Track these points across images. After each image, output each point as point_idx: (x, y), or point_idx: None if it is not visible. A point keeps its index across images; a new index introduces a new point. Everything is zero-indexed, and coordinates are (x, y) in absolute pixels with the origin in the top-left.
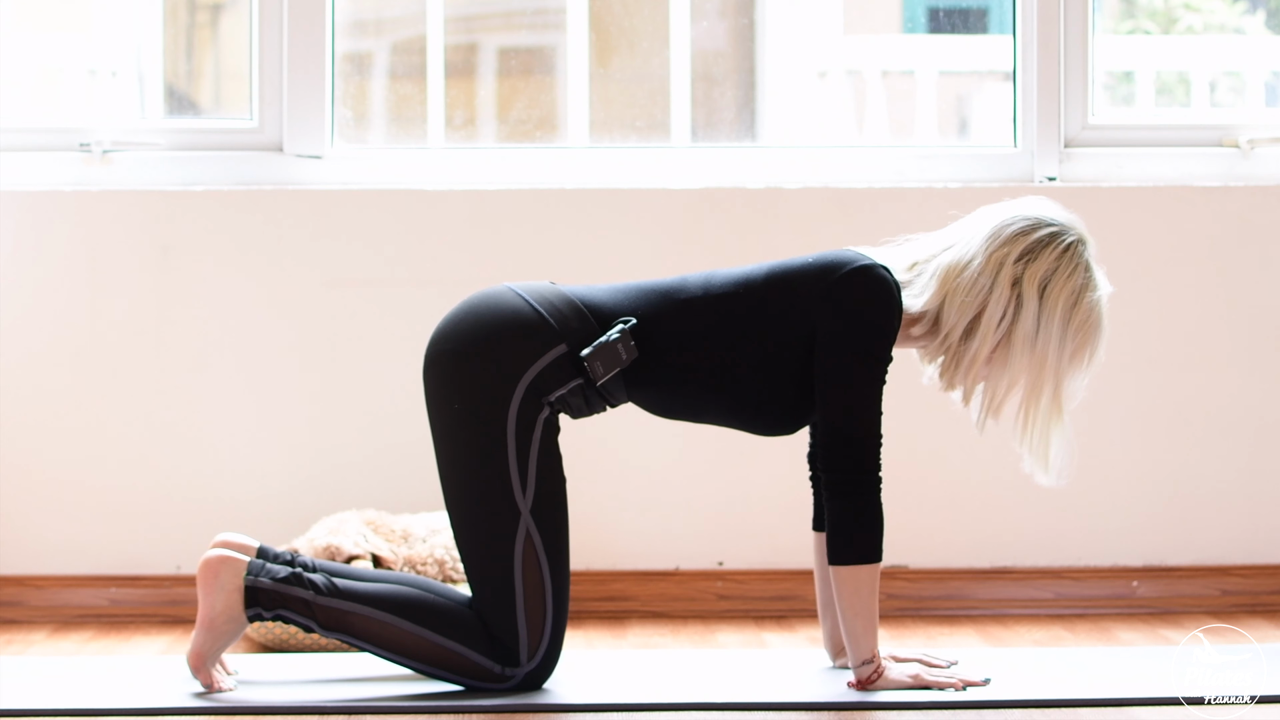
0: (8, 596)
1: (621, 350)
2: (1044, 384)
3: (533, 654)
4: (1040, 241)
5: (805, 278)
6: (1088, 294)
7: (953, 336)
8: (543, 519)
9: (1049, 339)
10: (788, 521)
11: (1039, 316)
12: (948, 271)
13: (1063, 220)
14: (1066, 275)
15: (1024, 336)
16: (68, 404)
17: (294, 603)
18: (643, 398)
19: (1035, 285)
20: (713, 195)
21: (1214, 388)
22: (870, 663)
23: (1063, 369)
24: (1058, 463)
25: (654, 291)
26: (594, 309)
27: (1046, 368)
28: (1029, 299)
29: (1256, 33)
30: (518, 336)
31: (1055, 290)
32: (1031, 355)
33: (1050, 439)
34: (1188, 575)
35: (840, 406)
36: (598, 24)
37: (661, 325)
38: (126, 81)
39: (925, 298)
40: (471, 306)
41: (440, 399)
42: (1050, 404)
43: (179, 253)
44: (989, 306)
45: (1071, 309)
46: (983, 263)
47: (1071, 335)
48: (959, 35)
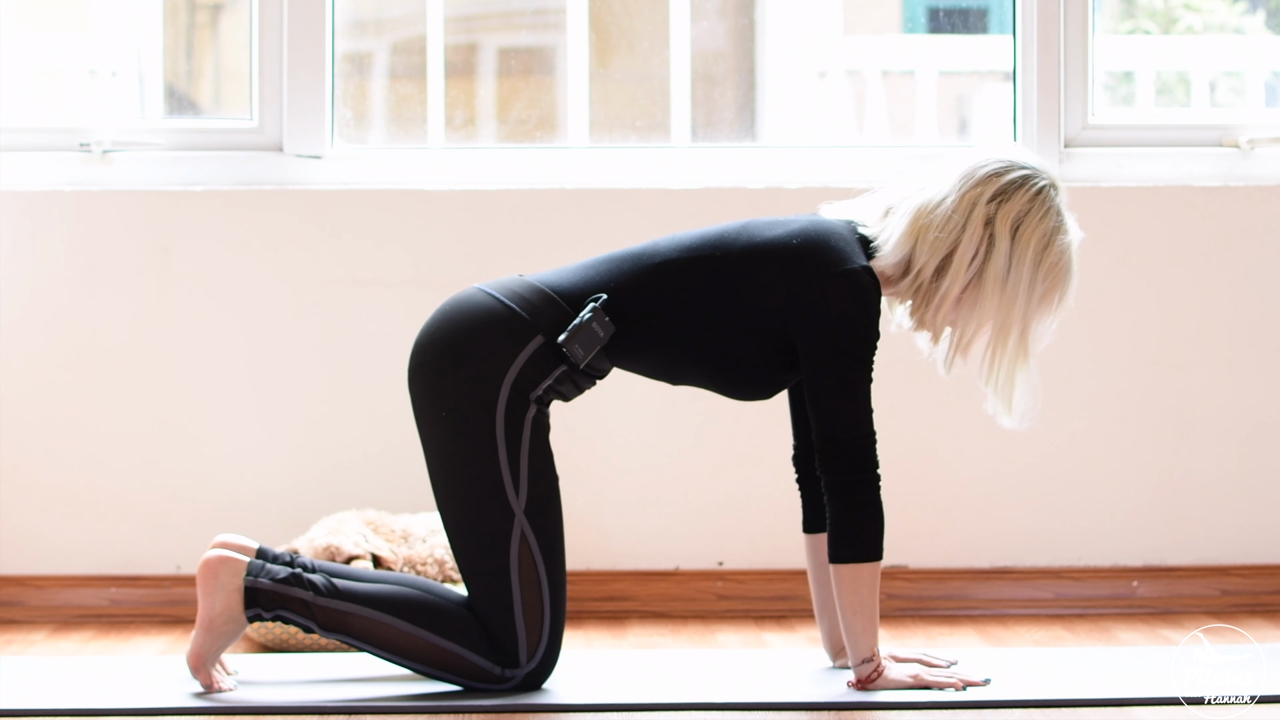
0: (8, 596)
1: (598, 328)
2: (1012, 325)
3: (532, 654)
4: (1013, 183)
5: (784, 264)
6: (1059, 237)
7: (924, 275)
8: (537, 519)
9: (1020, 279)
10: (788, 521)
11: (1010, 256)
12: (919, 211)
13: (1035, 164)
14: (1039, 217)
15: (995, 276)
16: (68, 404)
17: (293, 603)
18: (625, 363)
19: (1008, 225)
20: (713, 195)
21: (1214, 387)
22: (870, 662)
23: (1031, 311)
24: (1021, 404)
25: (623, 259)
26: (563, 293)
27: (1015, 308)
28: (1001, 239)
29: (1256, 33)
30: (494, 336)
31: (1027, 231)
32: (1002, 295)
33: (1015, 380)
34: (1188, 575)
35: (833, 410)
36: (598, 24)
37: (635, 292)
38: (126, 81)
39: (896, 237)
40: (445, 314)
41: (426, 409)
42: (1017, 345)
43: (179, 253)
44: (961, 245)
45: (1043, 250)
46: (955, 202)
47: (1042, 277)
48: (959, 35)
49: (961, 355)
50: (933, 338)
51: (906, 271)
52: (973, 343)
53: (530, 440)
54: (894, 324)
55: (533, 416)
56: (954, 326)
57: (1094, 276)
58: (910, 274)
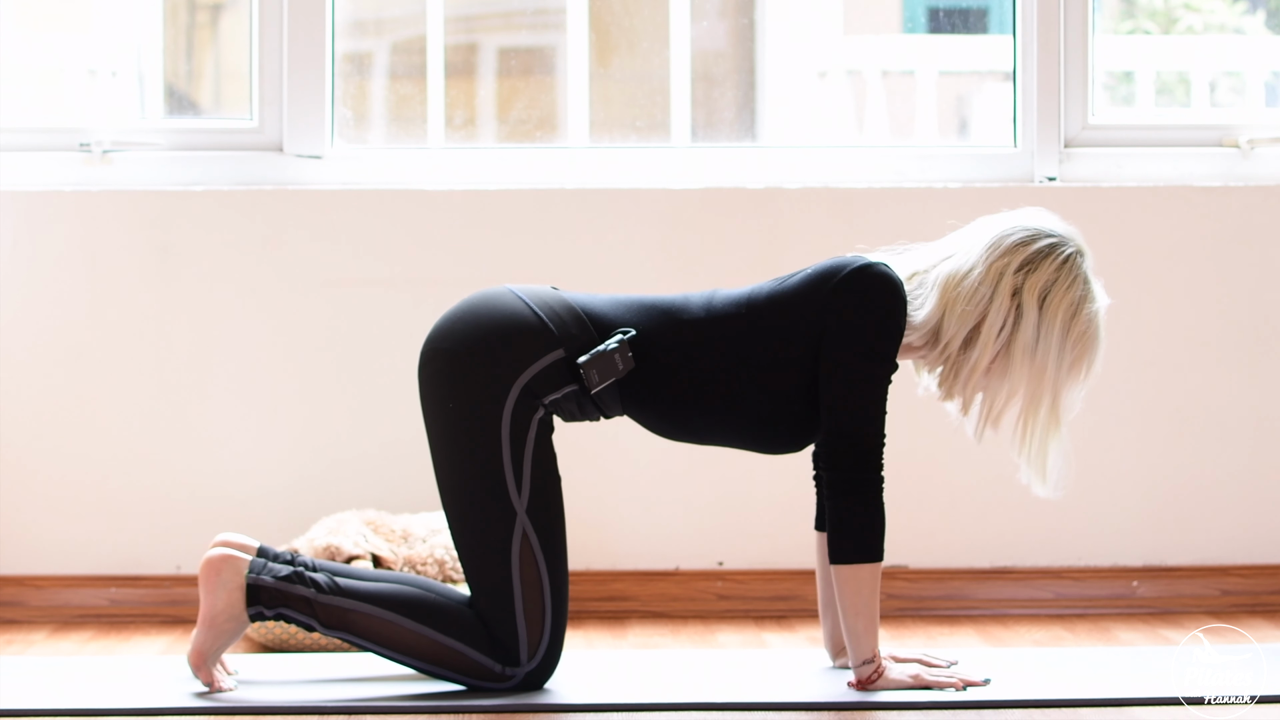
0: (8, 596)
1: (618, 360)
2: (1043, 395)
3: (533, 653)
4: (1040, 252)
5: (807, 289)
6: (1087, 305)
7: (952, 346)
8: (538, 518)
9: (1049, 350)
10: (788, 521)
11: (1039, 327)
12: (948, 281)
13: (1062, 231)
14: (1066, 286)
15: (1024, 347)
16: (68, 404)
17: (295, 601)
18: (641, 415)
19: (1035, 296)
20: (713, 195)
21: (1214, 388)
22: (871, 662)
23: (1061, 380)
24: (1055, 473)
25: (655, 308)
26: (594, 318)
27: (1045, 378)
28: (1029, 309)
29: (1256, 33)
30: (516, 338)
31: (1055, 301)
32: (1031, 366)
33: (1048, 450)
34: (1188, 575)
35: (844, 405)
36: (598, 24)
37: (661, 342)
38: (126, 81)
39: (926, 308)
40: (470, 306)
41: (435, 397)
42: (1049, 415)
43: (179, 253)
44: (989, 316)
45: (1071, 320)
46: (983, 273)
47: (1071, 346)
48: (959, 35)
49: (993, 426)
50: (962, 408)
51: (935, 341)
52: (1003, 413)
53: (535, 440)
54: (920, 388)
55: (539, 418)
56: (984, 396)
57: None
58: (939, 345)
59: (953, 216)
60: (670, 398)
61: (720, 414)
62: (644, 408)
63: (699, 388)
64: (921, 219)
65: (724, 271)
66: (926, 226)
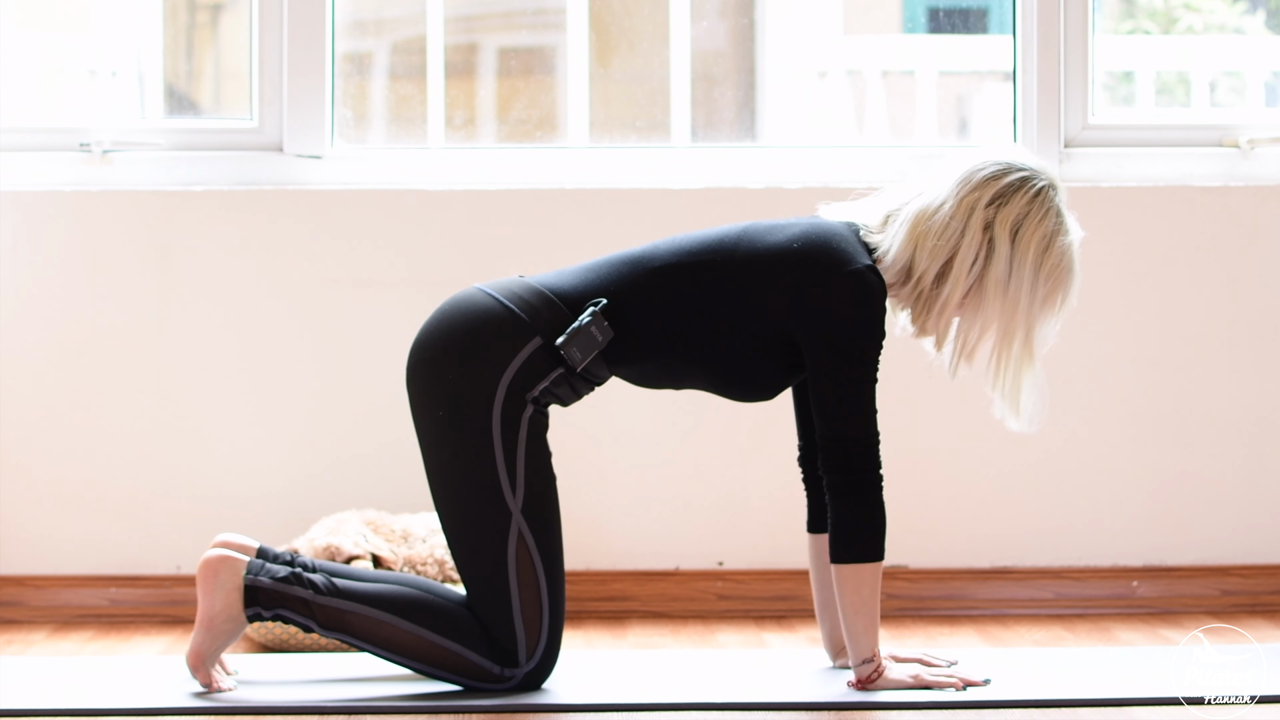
0: (8, 596)
1: (596, 333)
2: (1016, 328)
3: (531, 654)
4: (1011, 186)
5: (788, 267)
6: (1059, 238)
7: (924, 282)
8: (534, 518)
9: (1021, 283)
10: (788, 521)
11: (1011, 260)
12: (918, 216)
13: (1034, 165)
14: (1038, 219)
15: (996, 280)
16: (68, 404)
17: (293, 602)
18: (624, 372)
19: (1007, 229)
20: (713, 195)
21: (1214, 388)
22: (871, 662)
23: (1035, 313)
24: (1029, 407)
25: (623, 263)
26: (563, 295)
27: (1019, 312)
28: (1001, 243)
29: (1256, 33)
30: (492, 336)
31: (1027, 234)
32: (1004, 299)
33: (1022, 383)
34: (1188, 575)
35: (836, 410)
36: (598, 24)
37: (635, 298)
38: (126, 81)
39: (897, 244)
40: (444, 313)
41: (423, 408)
42: (1022, 348)
43: (179, 253)
44: (961, 250)
45: (1044, 253)
46: (953, 207)
47: (1044, 279)
48: (959, 35)
49: (966, 360)
50: (936, 344)
51: (908, 278)
52: (977, 348)
53: (527, 439)
54: (898, 328)
55: (529, 416)
56: (958, 331)
57: (1094, 276)
58: (911, 281)
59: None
60: (648, 351)
61: (693, 362)
62: (626, 364)
63: (673, 337)
64: None
65: None
66: None
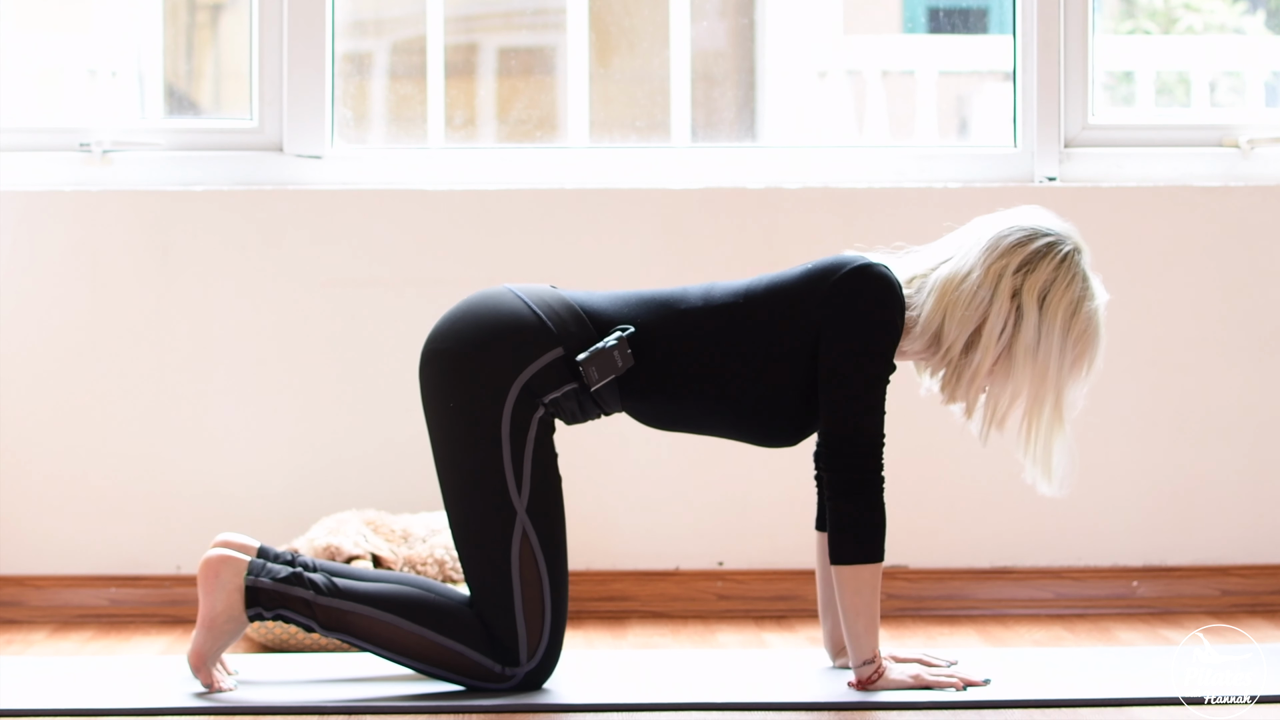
0: (8, 596)
1: (618, 357)
2: (1046, 394)
3: (532, 653)
4: (1038, 252)
5: (805, 284)
6: (1086, 303)
7: (954, 350)
8: (539, 518)
9: (1050, 349)
10: (788, 521)
11: (1039, 327)
12: (946, 284)
13: (1059, 230)
14: (1065, 285)
15: (1025, 348)
16: (68, 404)
17: (294, 602)
18: (638, 408)
19: (1035, 296)
20: (713, 195)
21: (1214, 388)
22: (871, 662)
23: (1064, 378)
24: (1060, 472)
25: (653, 301)
26: (593, 315)
27: (1048, 378)
28: (1029, 310)
29: (1256, 33)
30: (515, 338)
31: (1055, 300)
32: (1033, 366)
33: (1053, 448)
34: (1188, 575)
35: (842, 405)
36: (598, 24)
37: (660, 335)
38: (126, 81)
39: (925, 312)
40: (470, 306)
41: (436, 397)
42: (1052, 414)
43: (179, 253)
44: (990, 319)
45: (1071, 318)
46: (981, 275)
47: (1072, 345)
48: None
49: (998, 428)
50: (966, 411)
51: (937, 347)
52: (1008, 415)
53: (535, 440)
54: (923, 390)
55: (539, 417)
56: (987, 398)
57: None
58: (941, 349)
59: (952, 217)
60: (668, 390)
61: (716, 404)
62: (642, 400)
63: (696, 378)
64: (921, 219)
65: (724, 271)
66: (926, 226)
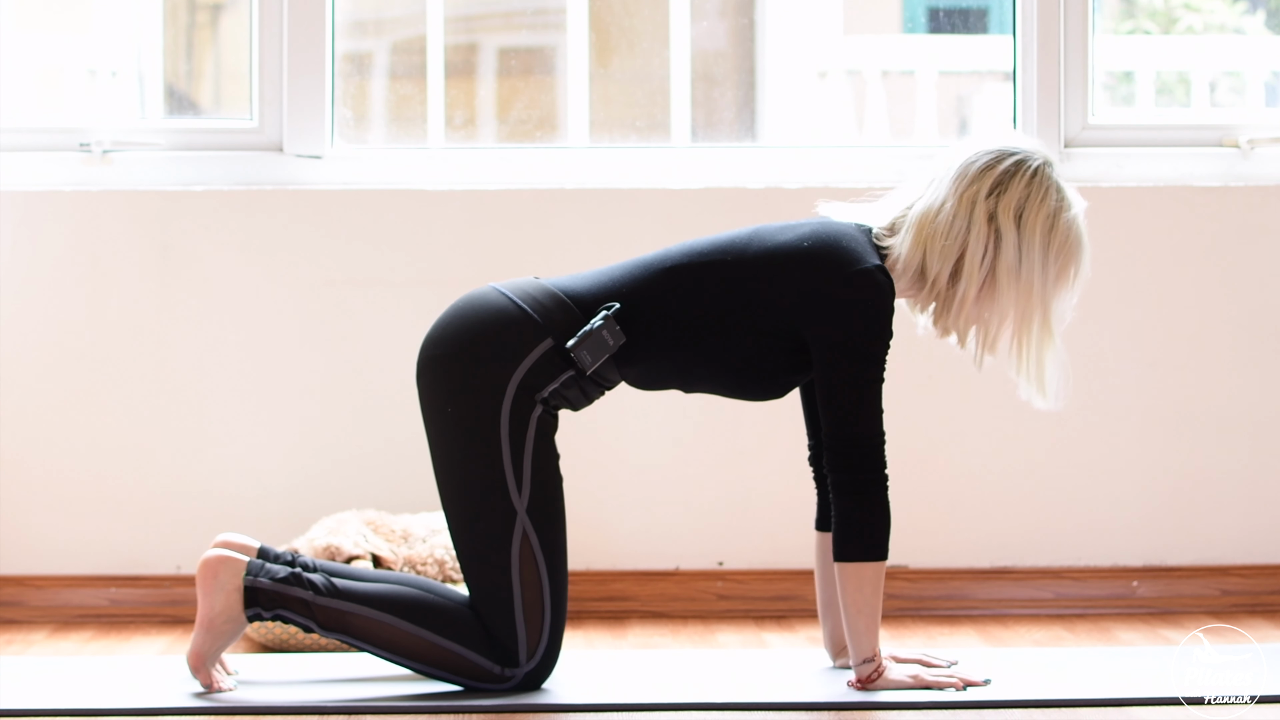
0: (8, 596)
1: (608, 336)
2: (1033, 310)
3: (531, 654)
4: (1008, 172)
5: (798, 265)
6: (1063, 214)
7: (940, 283)
8: (539, 519)
9: (1032, 266)
10: (788, 521)
11: (1019, 246)
12: (922, 219)
13: (1026, 147)
14: (1039, 200)
15: (1008, 269)
16: (68, 404)
17: (293, 603)
18: (633, 374)
19: (1011, 216)
20: (713, 195)
21: (1214, 388)
22: (871, 662)
23: (1049, 292)
24: (1053, 385)
25: (636, 266)
26: (576, 298)
27: (1034, 294)
28: (1007, 231)
29: (1256, 33)
30: (504, 335)
31: (1031, 217)
32: (1018, 285)
33: (1045, 363)
34: (1188, 575)
35: (843, 410)
36: (598, 24)
37: (647, 300)
38: (126, 81)
39: (904, 251)
40: (458, 310)
41: (433, 404)
42: (1041, 329)
43: (179, 253)
44: (969, 247)
45: (1050, 232)
46: (955, 205)
47: (1054, 257)
48: (959, 35)
49: (990, 351)
50: (959, 340)
51: (923, 282)
52: (998, 337)
53: (534, 439)
54: (920, 329)
55: (538, 416)
56: (977, 325)
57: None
58: (927, 284)
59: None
60: (655, 350)
61: (706, 361)
62: (637, 366)
63: (687, 337)
64: None
65: None
66: None
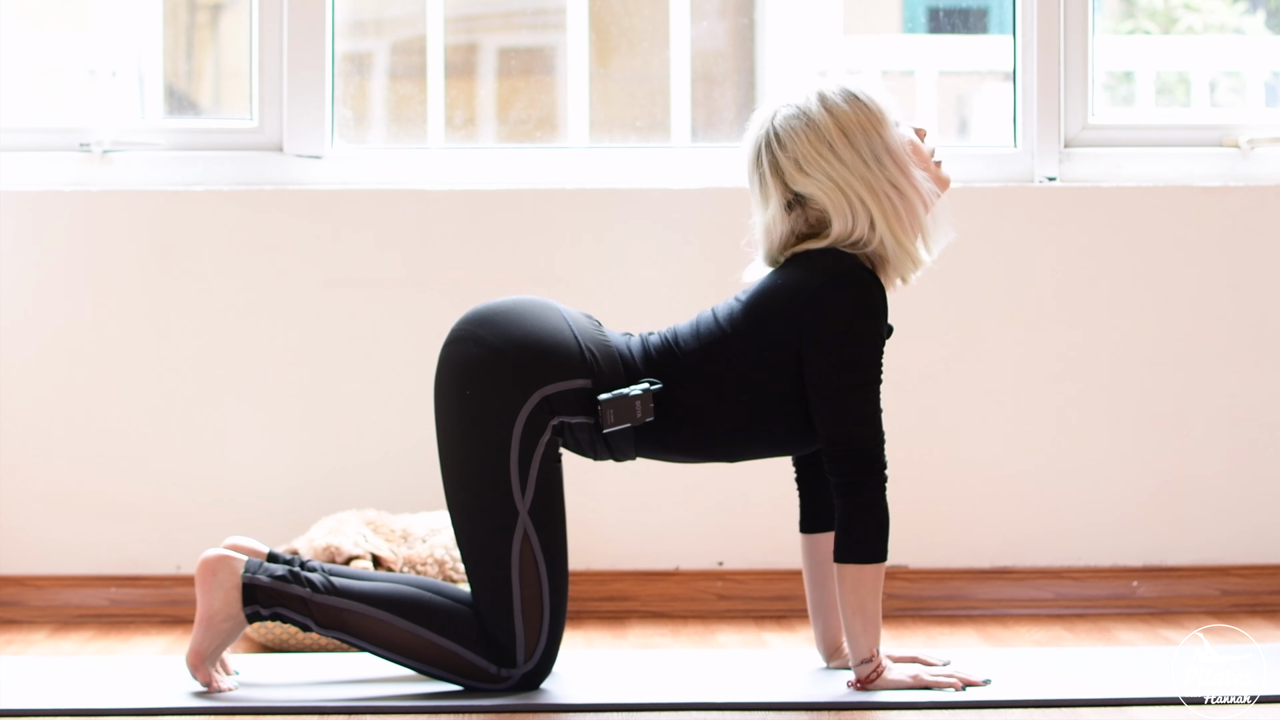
0: (8, 596)
1: (638, 408)
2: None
3: (529, 655)
4: (777, 133)
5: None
6: (832, 114)
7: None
8: (541, 521)
9: (863, 165)
10: (788, 521)
11: (841, 164)
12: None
13: (768, 108)
14: (809, 131)
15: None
16: (68, 404)
17: (291, 600)
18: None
19: (807, 160)
20: (713, 195)
21: (1214, 388)
22: (870, 662)
23: (887, 163)
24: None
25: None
26: (626, 361)
27: (874, 184)
28: (819, 166)
29: (1256, 33)
30: (549, 354)
31: (810, 152)
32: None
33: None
34: (1188, 575)
35: (841, 413)
36: (598, 24)
37: (676, 399)
38: (126, 81)
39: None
40: (519, 306)
41: (454, 379)
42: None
43: (179, 253)
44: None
45: (841, 133)
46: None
47: (865, 142)
48: (959, 35)
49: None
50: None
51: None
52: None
53: (544, 449)
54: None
55: (553, 425)
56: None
57: (1094, 276)
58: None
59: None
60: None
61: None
62: (659, 449)
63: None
64: None
65: (724, 272)
66: None
